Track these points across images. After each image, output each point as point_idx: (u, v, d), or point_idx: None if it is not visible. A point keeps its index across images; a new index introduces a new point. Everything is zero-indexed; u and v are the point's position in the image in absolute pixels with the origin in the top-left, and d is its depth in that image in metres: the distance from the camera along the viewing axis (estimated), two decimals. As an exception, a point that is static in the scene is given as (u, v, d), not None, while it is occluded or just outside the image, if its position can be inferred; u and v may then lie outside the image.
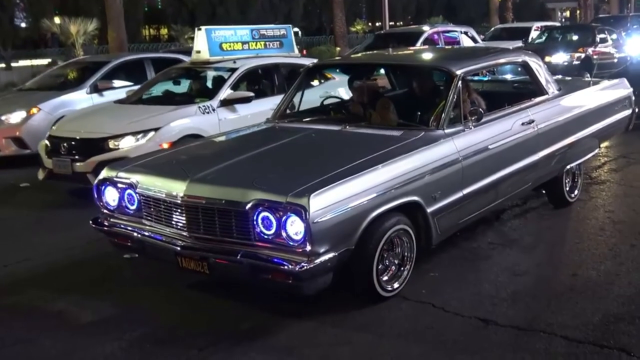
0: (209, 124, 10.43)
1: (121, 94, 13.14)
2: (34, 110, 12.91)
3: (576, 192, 8.76)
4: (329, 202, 5.22)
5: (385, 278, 5.91)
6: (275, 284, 5.42)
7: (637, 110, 9.59)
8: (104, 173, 6.45)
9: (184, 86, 12.44)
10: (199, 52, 11.97)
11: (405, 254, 6.06)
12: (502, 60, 8.62)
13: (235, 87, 11.33)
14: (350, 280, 5.75)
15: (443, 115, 6.64)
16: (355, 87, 8.22)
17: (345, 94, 10.67)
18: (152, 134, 9.93)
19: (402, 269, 6.05)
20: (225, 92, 10.99)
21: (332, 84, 12.03)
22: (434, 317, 5.68)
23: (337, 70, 12.22)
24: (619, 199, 9.29)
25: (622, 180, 10.19)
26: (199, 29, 12.06)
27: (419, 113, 7.23)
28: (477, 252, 7.26)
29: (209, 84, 12.21)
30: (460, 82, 6.85)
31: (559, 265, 6.90)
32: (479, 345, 5.19)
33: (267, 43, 12.94)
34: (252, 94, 11.19)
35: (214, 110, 10.69)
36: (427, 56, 8.81)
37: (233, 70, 11.44)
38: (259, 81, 12.39)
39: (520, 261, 7.00)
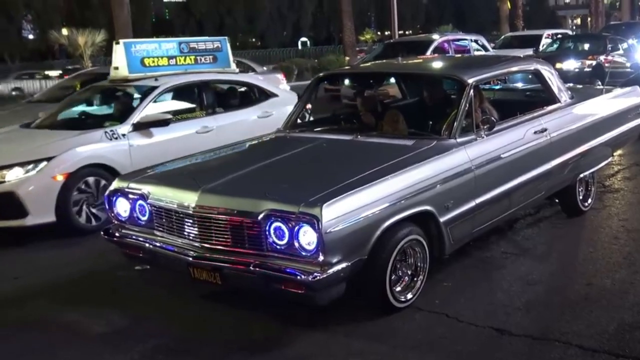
0: (116, 152, 9.34)
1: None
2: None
3: (590, 200, 8.73)
4: (342, 212, 5.23)
5: (399, 289, 5.91)
6: (288, 294, 5.40)
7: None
8: (115, 184, 6.50)
9: (102, 107, 11.57)
10: (116, 68, 10.83)
11: (418, 264, 6.06)
12: (514, 69, 8.61)
13: (155, 107, 10.21)
14: (363, 291, 5.77)
15: (455, 124, 6.65)
16: (366, 96, 8.21)
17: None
18: (44, 164, 8.68)
19: (415, 279, 6.05)
20: (139, 115, 9.80)
21: (273, 103, 11.53)
22: (447, 328, 5.68)
23: (347, 80, 11.96)
24: (633, 207, 9.27)
25: (635, 189, 10.16)
26: (117, 43, 10.95)
27: (431, 122, 7.25)
28: (490, 261, 7.26)
29: (123, 105, 10.71)
30: (472, 90, 6.87)
31: (573, 274, 6.89)
32: (494, 355, 5.21)
33: (199, 58, 11.79)
34: (169, 116, 10.07)
35: (123, 135, 9.49)
36: (438, 65, 8.80)
37: (152, 89, 10.26)
38: (185, 100, 11.27)
39: (534, 270, 6.99)
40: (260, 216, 5.32)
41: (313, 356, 5.31)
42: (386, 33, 57.35)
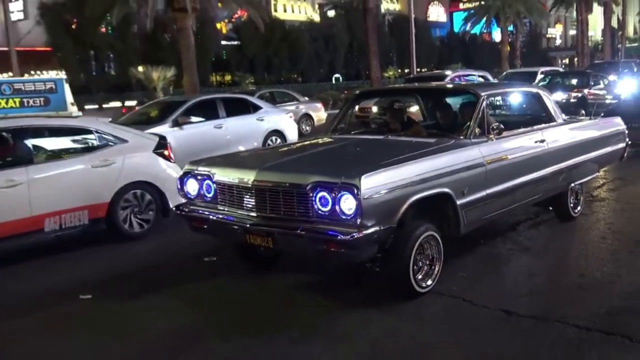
0: None
1: (199, 128, 13.79)
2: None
3: (579, 208, 8.69)
4: (377, 183, 5.36)
5: (420, 276, 5.94)
6: (331, 253, 5.49)
7: (629, 142, 9.54)
8: (186, 167, 6.69)
9: None
10: None
11: (434, 255, 6.08)
12: (519, 89, 8.73)
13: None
14: (392, 280, 5.89)
15: (470, 127, 6.75)
16: (394, 108, 8.30)
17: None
18: None
19: (432, 267, 6.08)
20: None
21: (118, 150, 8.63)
22: (465, 309, 5.72)
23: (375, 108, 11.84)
24: (617, 213, 9.26)
25: (619, 198, 10.14)
26: None
27: (449, 128, 7.30)
28: (498, 257, 7.30)
29: None
30: (484, 102, 6.95)
31: (568, 267, 6.91)
32: (505, 330, 5.24)
33: (25, 100, 9.33)
34: None
35: None
36: (457, 85, 8.88)
37: None
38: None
39: (535, 264, 7.05)
40: (308, 187, 5.44)
41: (354, 332, 5.34)
42: (406, 70, 57.40)
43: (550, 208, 8.60)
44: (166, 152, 9.15)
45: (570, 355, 4.80)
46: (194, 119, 14.13)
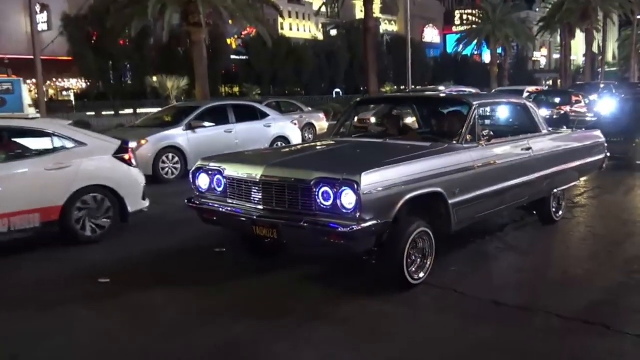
0: None
1: (211, 132, 13.90)
2: (143, 141, 13.10)
3: (561, 212, 8.69)
4: (376, 180, 5.42)
5: (413, 269, 5.95)
6: (332, 244, 5.54)
7: (608, 154, 9.57)
8: (199, 163, 6.70)
9: None
10: None
11: (427, 250, 6.09)
12: (507, 100, 8.75)
13: None
14: (387, 272, 5.90)
15: (462, 134, 6.78)
16: (392, 115, 8.33)
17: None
18: None
19: (425, 261, 6.09)
20: None
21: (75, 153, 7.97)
22: (457, 299, 5.75)
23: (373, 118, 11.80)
24: (596, 218, 9.31)
25: (599, 205, 10.23)
26: None
27: (443, 134, 7.30)
28: (487, 254, 7.31)
29: None
30: (476, 110, 6.97)
31: (552, 265, 6.97)
32: (494, 318, 5.29)
33: None
34: None
35: None
36: (450, 95, 8.92)
37: None
38: None
39: (521, 261, 7.11)
40: (312, 182, 5.50)
41: (354, 317, 5.36)
42: (402, 87, 57.47)
43: (535, 212, 8.60)
44: (127, 156, 8.49)
45: (554, 341, 4.84)
46: (206, 123, 14.29)
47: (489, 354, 4.69)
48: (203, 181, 6.62)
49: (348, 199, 5.32)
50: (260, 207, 5.99)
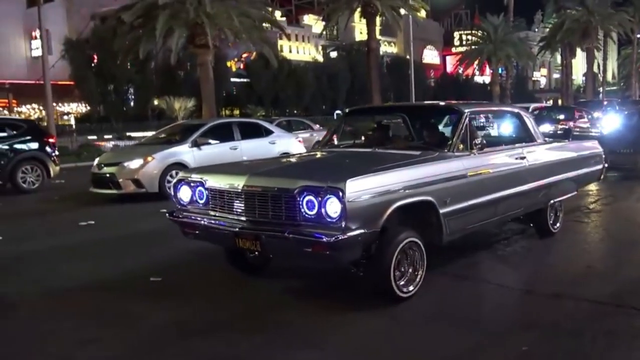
0: None
1: (217, 149, 14.07)
2: (149, 158, 13.16)
3: (558, 224, 8.43)
4: (362, 188, 5.18)
5: (402, 282, 5.69)
6: (317, 255, 5.27)
7: (607, 165, 9.42)
8: (180, 175, 6.48)
9: None
10: None
11: (417, 261, 5.82)
12: (500, 109, 8.69)
13: None
14: (376, 285, 5.64)
15: (453, 142, 6.60)
16: (382, 124, 8.17)
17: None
18: None
19: (415, 273, 5.82)
20: None
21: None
22: (483, 288, 6.34)
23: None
24: (612, 222, 9.87)
25: (612, 210, 10.67)
26: None
27: (434, 143, 7.11)
28: (516, 253, 7.70)
29: None
30: (467, 119, 6.77)
31: (575, 261, 7.26)
32: (527, 304, 5.78)
33: None
34: None
35: None
36: (442, 103, 8.70)
37: None
38: None
39: (546, 259, 7.44)
40: (296, 191, 5.26)
41: (342, 333, 5.10)
42: (402, 107, 57.40)
43: (532, 225, 8.35)
44: None
45: (586, 322, 5.10)
46: (211, 140, 14.38)
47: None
48: (184, 194, 6.37)
49: (333, 207, 5.08)
50: (243, 218, 5.75)
